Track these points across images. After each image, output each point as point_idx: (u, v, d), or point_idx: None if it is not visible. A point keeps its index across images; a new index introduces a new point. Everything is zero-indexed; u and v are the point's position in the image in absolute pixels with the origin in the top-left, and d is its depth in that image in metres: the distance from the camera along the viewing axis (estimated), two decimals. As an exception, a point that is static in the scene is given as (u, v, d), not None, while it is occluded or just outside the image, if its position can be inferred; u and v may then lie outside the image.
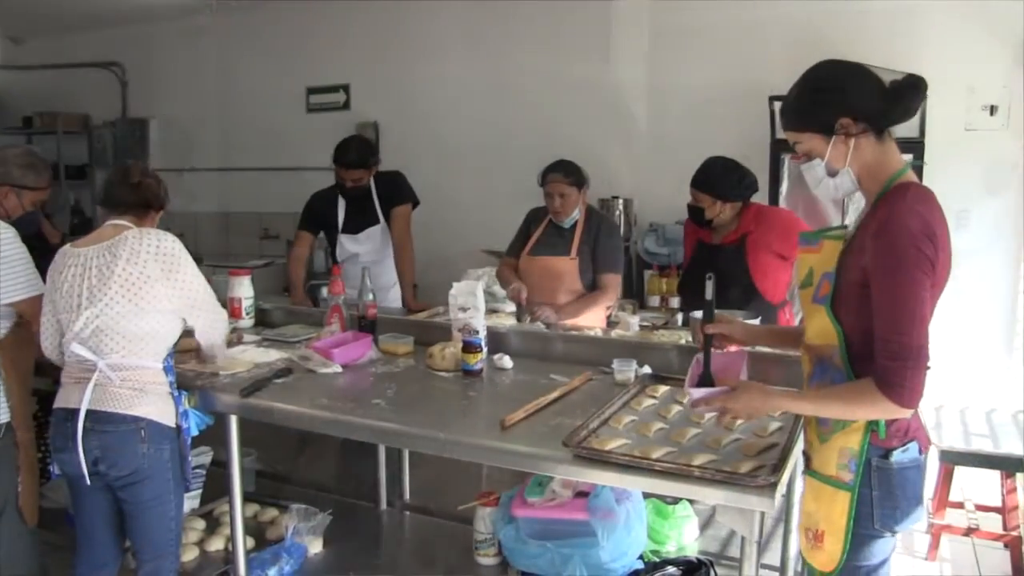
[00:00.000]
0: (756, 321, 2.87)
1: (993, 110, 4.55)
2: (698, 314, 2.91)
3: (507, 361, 2.93)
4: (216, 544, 3.27)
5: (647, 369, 2.77)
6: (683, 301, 3.86)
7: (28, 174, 2.84)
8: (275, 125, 6.90)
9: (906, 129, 4.28)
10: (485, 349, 2.88)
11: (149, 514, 2.46)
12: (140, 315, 2.39)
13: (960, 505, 3.79)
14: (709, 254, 3.43)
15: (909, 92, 1.81)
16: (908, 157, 4.29)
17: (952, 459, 3.52)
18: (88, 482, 2.41)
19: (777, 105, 4.46)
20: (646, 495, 3.04)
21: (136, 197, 2.56)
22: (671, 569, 2.87)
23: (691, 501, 3.22)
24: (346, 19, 6.46)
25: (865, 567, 1.87)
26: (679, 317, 3.96)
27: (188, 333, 2.68)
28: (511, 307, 3.74)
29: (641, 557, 2.94)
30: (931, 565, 3.54)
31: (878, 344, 1.72)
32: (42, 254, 2.72)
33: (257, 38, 6.91)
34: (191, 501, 3.41)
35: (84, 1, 6.54)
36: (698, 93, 5.25)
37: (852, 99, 1.81)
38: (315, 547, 3.28)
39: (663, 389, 2.54)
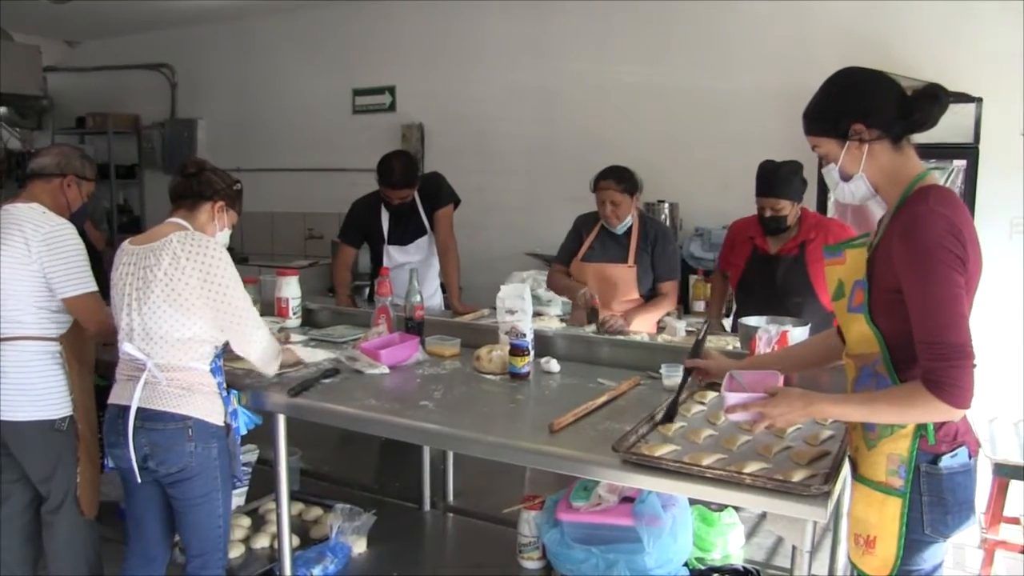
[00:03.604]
0: (806, 328, 2.83)
1: (1052, 114, 4.42)
2: (749, 320, 2.90)
3: (554, 365, 2.91)
4: (262, 542, 3.30)
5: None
6: (738, 309, 3.72)
7: (86, 166, 2.95)
8: (321, 126, 6.98)
9: (960, 134, 4.20)
10: (532, 352, 2.86)
11: (198, 511, 2.49)
12: (182, 320, 2.39)
13: (1016, 521, 3.68)
14: (766, 265, 3.38)
15: (926, 102, 1.81)
16: (962, 163, 4.23)
17: (1007, 472, 3.42)
18: (138, 478, 2.43)
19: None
20: (692, 501, 3.01)
21: (187, 188, 2.56)
22: (717, 577, 2.85)
23: (737, 508, 3.19)
24: (392, 21, 6.51)
25: (917, 572, 1.85)
26: (726, 323, 3.92)
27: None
28: (557, 310, 3.72)
29: (686, 564, 2.91)
30: (984, 581, 3.46)
31: (920, 347, 1.71)
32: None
33: (304, 40, 6.99)
34: (237, 498, 3.44)
35: (136, 5, 6.66)
36: (745, 96, 5.19)
37: (866, 106, 1.83)
38: (359, 547, 3.30)
39: (712, 395, 2.51)
